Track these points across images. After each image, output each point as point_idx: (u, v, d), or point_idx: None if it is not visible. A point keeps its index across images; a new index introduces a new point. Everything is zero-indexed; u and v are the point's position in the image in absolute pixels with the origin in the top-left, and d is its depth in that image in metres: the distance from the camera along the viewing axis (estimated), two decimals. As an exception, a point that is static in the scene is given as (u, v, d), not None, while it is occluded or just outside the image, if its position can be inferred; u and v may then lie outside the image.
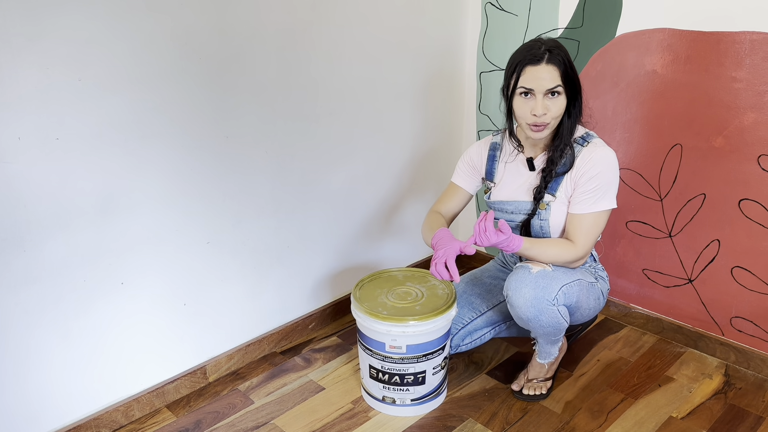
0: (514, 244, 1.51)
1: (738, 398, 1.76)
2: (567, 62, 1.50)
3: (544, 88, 1.49)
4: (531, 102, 1.51)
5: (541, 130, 1.54)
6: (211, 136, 1.65)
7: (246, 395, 1.80)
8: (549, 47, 1.50)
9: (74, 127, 1.39)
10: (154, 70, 1.49)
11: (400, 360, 1.62)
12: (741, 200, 1.78)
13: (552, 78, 1.48)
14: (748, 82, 1.68)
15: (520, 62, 1.51)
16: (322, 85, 1.88)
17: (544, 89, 1.49)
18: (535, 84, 1.49)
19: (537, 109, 1.50)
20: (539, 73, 1.48)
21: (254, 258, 1.88)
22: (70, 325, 1.52)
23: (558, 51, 1.50)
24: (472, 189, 1.80)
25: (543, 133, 1.54)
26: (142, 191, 1.56)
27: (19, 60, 1.28)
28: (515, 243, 1.52)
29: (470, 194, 1.81)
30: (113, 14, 1.39)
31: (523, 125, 1.56)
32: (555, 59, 1.48)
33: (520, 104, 1.53)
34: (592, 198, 1.56)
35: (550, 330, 1.61)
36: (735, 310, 1.88)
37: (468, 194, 1.81)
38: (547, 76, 1.48)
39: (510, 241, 1.50)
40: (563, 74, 1.49)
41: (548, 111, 1.50)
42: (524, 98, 1.52)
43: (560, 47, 1.51)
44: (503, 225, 1.48)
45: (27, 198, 1.37)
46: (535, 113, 1.50)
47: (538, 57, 1.48)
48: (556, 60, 1.48)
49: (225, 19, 1.58)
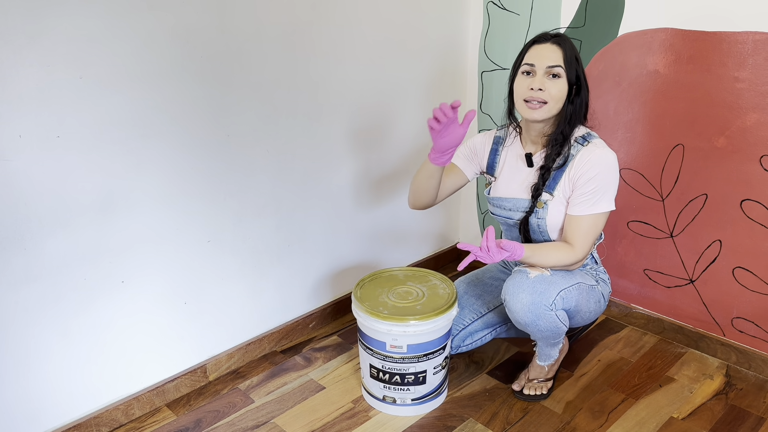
0: (516, 255, 1.51)
1: (739, 399, 1.76)
2: (571, 50, 1.53)
3: (545, 64, 1.51)
4: (530, 79, 1.53)
5: (537, 109, 1.53)
6: (212, 134, 1.65)
7: (246, 394, 1.80)
8: (559, 34, 1.55)
9: (75, 126, 1.39)
10: (155, 68, 1.49)
11: (400, 359, 1.62)
12: (743, 201, 1.77)
13: (554, 57, 1.51)
14: (751, 83, 1.67)
15: (527, 44, 1.56)
16: (322, 84, 1.87)
17: (545, 65, 1.51)
18: (536, 60, 1.52)
19: (534, 83, 1.51)
20: (542, 51, 1.52)
21: (255, 257, 1.88)
22: (70, 324, 1.52)
23: (565, 38, 1.54)
24: (468, 171, 1.76)
25: (538, 114, 1.53)
26: (142, 190, 1.55)
27: (20, 58, 1.27)
28: (517, 253, 1.51)
29: (465, 177, 1.77)
30: (114, 12, 1.38)
31: (520, 105, 1.56)
32: (562, 44, 1.52)
33: (520, 82, 1.55)
34: (591, 200, 1.55)
35: (549, 334, 1.61)
36: (736, 311, 1.87)
37: (463, 176, 1.76)
38: (550, 54, 1.51)
39: (513, 254, 1.50)
40: (566, 57, 1.51)
41: (545, 89, 1.51)
42: (525, 76, 1.54)
43: (568, 39, 1.55)
44: (505, 243, 1.48)
45: (28, 196, 1.36)
46: (531, 87, 1.51)
47: (546, 37, 1.54)
48: (562, 44, 1.52)
49: (226, 17, 1.58)
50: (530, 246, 1.56)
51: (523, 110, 1.56)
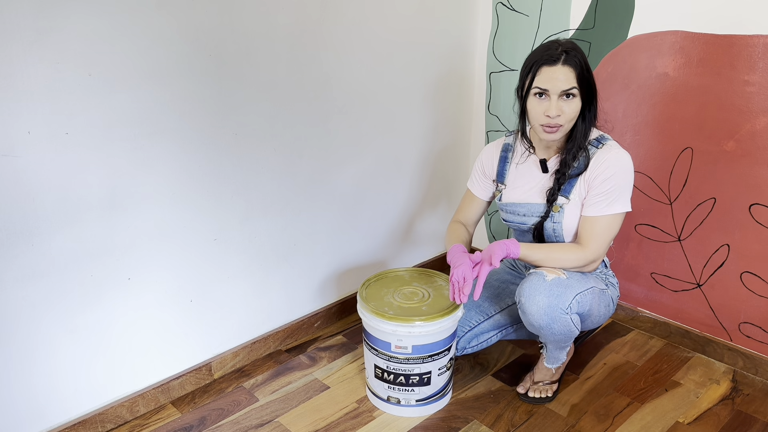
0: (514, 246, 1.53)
1: (745, 404, 1.75)
2: (583, 64, 1.48)
3: (559, 89, 1.47)
4: (545, 103, 1.49)
5: (554, 132, 1.52)
6: (220, 133, 1.65)
7: (251, 393, 1.80)
8: (566, 48, 1.48)
9: (83, 123, 1.40)
10: (164, 66, 1.49)
11: (405, 360, 1.62)
12: (752, 205, 1.76)
13: (567, 79, 1.46)
14: (761, 86, 1.66)
15: (536, 62, 1.49)
16: (331, 84, 1.87)
17: (559, 90, 1.47)
18: (550, 85, 1.47)
19: (551, 111, 1.48)
20: (555, 74, 1.46)
21: (261, 256, 1.88)
22: (76, 320, 1.52)
23: (575, 53, 1.48)
24: (486, 196, 1.81)
25: (556, 135, 1.53)
26: (150, 187, 1.56)
27: (30, 54, 1.28)
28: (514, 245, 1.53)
29: (485, 201, 1.82)
30: (124, 10, 1.39)
31: (536, 126, 1.55)
32: (571, 61, 1.47)
33: (534, 105, 1.52)
34: (606, 200, 1.54)
35: (561, 337, 1.60)
36: (744, 316, 1.86)
37: (483, 202, 1.82)
38: (562, 77, 1.46)
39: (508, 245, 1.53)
40: (579, 76, 1.47)
41: (562, 113, 1.49)
42: (538, 99, 1.50)
43: (577, 49, 1.49)
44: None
45: (36, 192, 1.37)
46: (548, 114, 1.49)
47: (555, 57, 1.47)
48: (573, 61, 1.47)
49: (235, 16, 1.58)
50: (531, 245, 1.56)
51: (541, 133, 1.55)
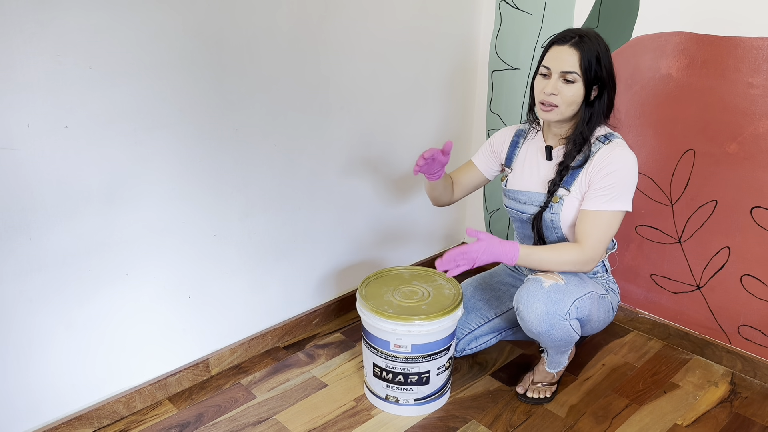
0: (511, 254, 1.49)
1: (744, 407, 1.75)
2: (597, 54, 1.47)
3: (560, 69, 1.48)
4: (546, 81, 1.52)
5: (549, 111, 1.53)
6: (221, 128, 1.64)
7: (248, 390, 1.79)
8: (582, 34, 1.49)
9: (83, 116, 1.38)
10: (165, 60, 1.48)
11: (404, 359, 1.61)
12: (753, 208, 1.76)
13: (570, 62, 1.47)
14: (765, 89, 1.65)
15: (551, 41, 1.53)
16: (333, 80, 1.86)
17: (559, 70, 1.49)
18: (553, 63, 1.50)
19: (547, 88, 1.50)
20: (560, 54, 1.49)
21: (260, 252, 1.87)
22: (73, 315, 1.51)
23: (589, 40, 1.48)
24: (487, 171, 1.81)
25: (550, 116, 1.54)
26: (149, 182, 1.55)
27: (30, 46, 1.26)
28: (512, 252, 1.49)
29: (483, 176, 1.81)
30: (125, 3, 1.37)
31: (536, 105, 1.57)
32: (582, 46, 1.47)
33: (537, 82, 1.55)
34: (607, 196, 1.52)
35: (561, 343, 1.59)
36: (743, 319, 1.86)
37: (480, 175, 1.81)
38: (566, 58, 1.48)
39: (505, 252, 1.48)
40: (584, 62, 1.47)
41: (559, 93, 1.50)
42: (542, 77, 1.54)
43: (595, 38, 1.49)
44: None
45: (34, 185, 1.35)
46: (545, 91, 1.51)
47: (567, 38, 1.49)
48: (582, 47, 1.47)
49: (237, 10, 1.57)
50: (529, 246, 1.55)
51: (538, 111, 1.58)
